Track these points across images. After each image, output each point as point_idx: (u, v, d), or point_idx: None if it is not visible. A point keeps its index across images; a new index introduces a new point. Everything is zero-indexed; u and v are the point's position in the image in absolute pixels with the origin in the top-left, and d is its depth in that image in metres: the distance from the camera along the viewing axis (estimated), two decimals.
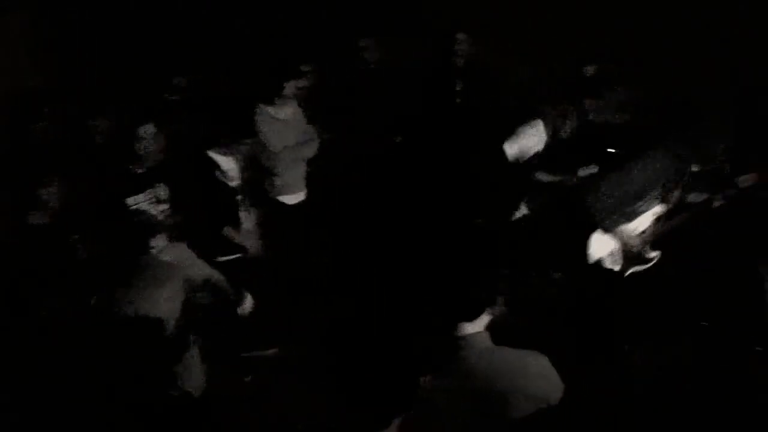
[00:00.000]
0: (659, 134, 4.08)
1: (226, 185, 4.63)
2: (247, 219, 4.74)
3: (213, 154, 4.57)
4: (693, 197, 4.11)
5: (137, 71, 5.59)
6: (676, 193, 4.07)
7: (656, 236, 4.03)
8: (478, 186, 5.27)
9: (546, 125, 4.71)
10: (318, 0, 6.23)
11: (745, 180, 3.94)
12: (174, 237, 3.80)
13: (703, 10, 5.78)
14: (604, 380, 3.91)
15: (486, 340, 2.72)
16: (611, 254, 4.03)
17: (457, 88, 5.64)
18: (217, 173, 4.59)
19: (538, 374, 2.61)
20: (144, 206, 4.08)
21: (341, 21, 6.15)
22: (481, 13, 6.11)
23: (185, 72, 5.49)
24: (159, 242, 3.55)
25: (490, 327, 2.74)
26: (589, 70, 5.76)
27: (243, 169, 4.69)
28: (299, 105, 4.99)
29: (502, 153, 5.23)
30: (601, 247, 4.00)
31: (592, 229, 3.97)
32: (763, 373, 4.07)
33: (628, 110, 5.42)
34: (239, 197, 4.74)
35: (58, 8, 5.89)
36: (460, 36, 5.69)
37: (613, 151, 5.01)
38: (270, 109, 4.81)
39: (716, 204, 3.98)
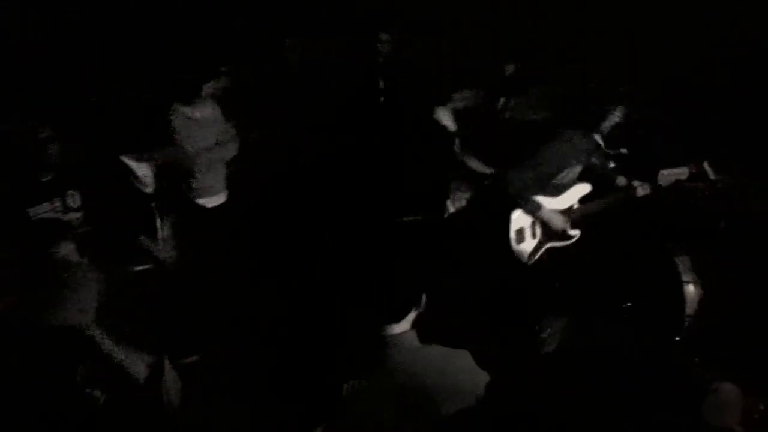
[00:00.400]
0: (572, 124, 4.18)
1: (141, 191, 4.46)
2: (164, 226, 4.58)
3: (127, 160, 4.38)
4: (620, 181, 4.20)
5: (48, 73, 5.35)
6: (599, 174, 4.17)
7: (579, 215, 4.09)
8: (403, 183, 5.28)
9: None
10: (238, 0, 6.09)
11: (672, 174, 4.04)
12: (86, 245, 3.64)
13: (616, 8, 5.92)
14: (519, 360, 4.01)
15: (413, 339, 2.69)
16: (531, 227, 4.14)
17: (381, 86, 5.58)
18: (131, 179, 4.41)
19: (462, 371, 2.60)
20: (49, 215, 3.88)
21: (262, 20, 6.05)
22: (403, 13, 6.10)
23: (100, 74, 5.30)
24: (65, 250, 3.40)
25: (415, 324, 2.70)
26: (509, 68, 5.83)
27: (159, 174, 4.51)
28: (218, 105, 4.84)
29: (427, 149, 5.27)
30: (521, 220, 4.15)
31: (513, 208, 4.11)
32: (679, 359, 4.19)
33: (547, 107, 5.53)
34: (155, 204, 4.56)
35: None
36: (383, 36, 5.66)
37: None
38: (186, 110, 4.65)
39: (642, 192, 4.07)
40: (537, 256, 4.16)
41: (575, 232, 4.19)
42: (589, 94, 4.46)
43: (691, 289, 4.26)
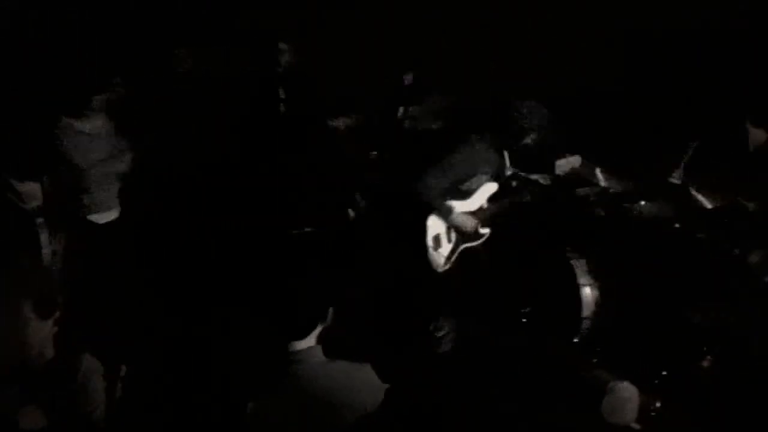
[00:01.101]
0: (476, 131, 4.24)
1: (23, 208, 4.21)
2: (51, 242, 4.32)
3: (7, 177, 4.13)
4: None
5: None
6: (507, 173, 4.23)
7: (488, 215, 4.18)
8: (304, 195, 5.22)
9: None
10: (129, 10, 5.86)
11: (568, 163, 4.15)
12: None
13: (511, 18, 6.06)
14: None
15: (317, 355, 2.63)
16: (446, 232, 4.20)
17: (281, 97, 5.50)
18: (9, 195, 4.15)
19: (364, 386, 2.56)
20: None
21: (154, 31, 5.85)
22: (302, 23, 6.04)
23: None
24: None
25: (321, 339, 2.64)
26: (408, 78, 5.87)
27: (46, 189, 4.26)
28: (110, 118, 4.62)
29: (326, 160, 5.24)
30: (436, 227, 4.20)
31: (427, 213, 4.17)
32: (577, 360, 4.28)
33: (445, 116, 5.59)
34: (40, 220, 4.31)
35: None
36: (282, 45, 5.58)
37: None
38: (76, 124, 4.42)
39: (543, 182, 4.16)
40: (453, 259, 4.19)
41: (485, 231, 4.25)
42: (488, 104, 4.50)
43: (587, 291, 4.36)
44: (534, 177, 4.29)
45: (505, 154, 4.27)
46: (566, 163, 4.18)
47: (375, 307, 4.44)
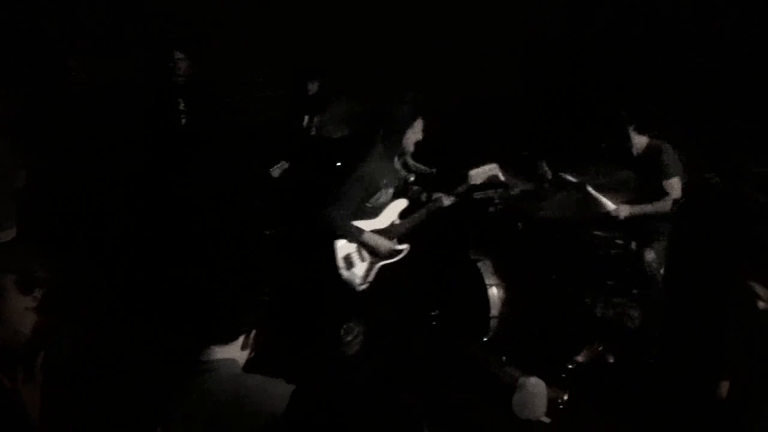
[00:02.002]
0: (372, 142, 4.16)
1: None
2: None
3: None
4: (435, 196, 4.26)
5: None
6: (415, 190, 4.21)
7: (401, 230, 4.12)
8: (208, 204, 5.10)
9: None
10: (20, 20, 5.56)
11: (483, 172, 4.15)
12: None
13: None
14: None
15: (234, 367, 2.55)
16: (357, 251, 4.07)
17: (181, 107, 5.34)
18: None
19: (276, 397, 2.50)
20: None
21: (46, 41, 5.58)
22: (200, 32, 5.90)
23: None
24: None
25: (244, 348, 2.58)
26: (313, 86, 5.82)
27: None
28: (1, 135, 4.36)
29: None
30: (345, 247, 4.06)
31: (335, 238, 4.02)
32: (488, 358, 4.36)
33: (348, 123, 5.57)
34: None
35: None
36: (178, 55, 5.42)
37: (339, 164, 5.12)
38: None
39: (447, 202, 4.16)
40: (370, 278, 4.11)
41: (403, 247, 4.20)
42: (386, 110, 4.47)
43: (494, 291, 4.44)
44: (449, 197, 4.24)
45: (396, 162, 4.20)
46: (482, 172, 4.16)
47: (285, 311, 4.34)
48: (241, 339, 2.58)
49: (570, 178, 4.37)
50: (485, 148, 4.60)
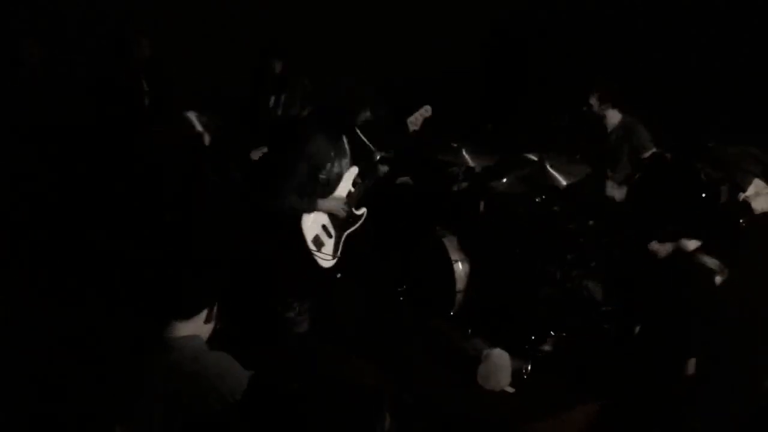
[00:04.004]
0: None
1: None
2: None
3: None
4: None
5: None
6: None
7: (357, 196, 4.09)
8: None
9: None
10: None
11: (417, 117, 4.12)
12: None
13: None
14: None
15: (196, 343, 2.53)
16: (323, 230, 4.03)
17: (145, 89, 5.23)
18: None
19: (234, 374, 2.50)
20: None
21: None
22: (160, 13, 5.76)
23: None
24: None
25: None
26: (277, 65, 5.72)
27: None
28: None
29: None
30: (313, 228, 3.99)
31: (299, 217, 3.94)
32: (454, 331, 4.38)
33: (307, 102, 5.51)
34: None
35: None
36: (143, 41, 5.30)
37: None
38: None
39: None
40: (339, 250, 4.08)
41: (361, 211, 4.16)
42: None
43: (459, 267, 4.45)
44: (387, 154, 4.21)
45: (343, 138, 4.12)
46: (416, 118, 4.14)
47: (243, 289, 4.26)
48: (204, 313, 2.56)
49: (530, 156, 4.41)
50: (447, 125, 4.57)
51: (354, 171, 4.11)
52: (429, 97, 4.27)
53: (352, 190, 4.12)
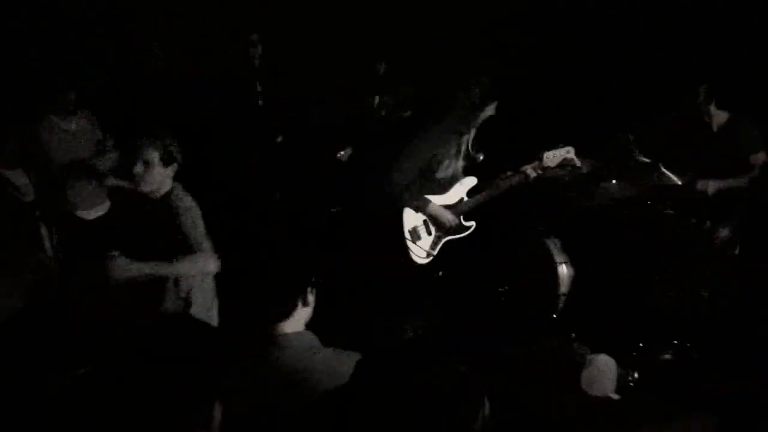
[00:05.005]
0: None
1: (22, 201, 4.06)
2: (51, 235, 4.18)
3: (2, 170, 3.98)
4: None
5: None
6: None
7: (469, 207, 4.04)
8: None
9: None
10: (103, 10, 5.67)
11: (557, 156, 4.03)
12: None
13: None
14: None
15: (306, 340, 2.54)
16: (424, 225, 4.01)
17: (258, 90, 5.37)
18: (9, 189, 4.00)
19: (342, 373, 2.48)
20: None
21: (129, 29, 5.68)
22: (273, 16, 5.90)
23: None
24: None
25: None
26: (381, 67, 5.77)
27: (37, 184, 4.13)
28: (93, 118, 4.49)
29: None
30: (412, 219, 4.00)
31: (402, 208, 3.96)
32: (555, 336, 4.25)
33: (412, 104, 5.51)
34: (38, 213, 4.17)
35: None
36: (254, 37, 5.44)
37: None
38: (57, 120, 4.27)
39: (532, 174, 4.06)
40: (436, 251, 4.06)
41: (470, 224, 4.13)
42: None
43: (563, 269, 4.33)
44: (524, 168, 4.12)
45: (466, 137, 4.08)
46: (556, 156, 4.04)
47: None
48: (303, 313, 2.58)
49: (642, 157, 4.24)
50: (555, 128, 4.48)
51: (471, 181, 4.09)
52: (535, 94, 4.20)
53: (465, 198, 4.08)
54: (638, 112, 4.89)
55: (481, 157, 4.24)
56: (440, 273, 4.27)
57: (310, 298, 2.67)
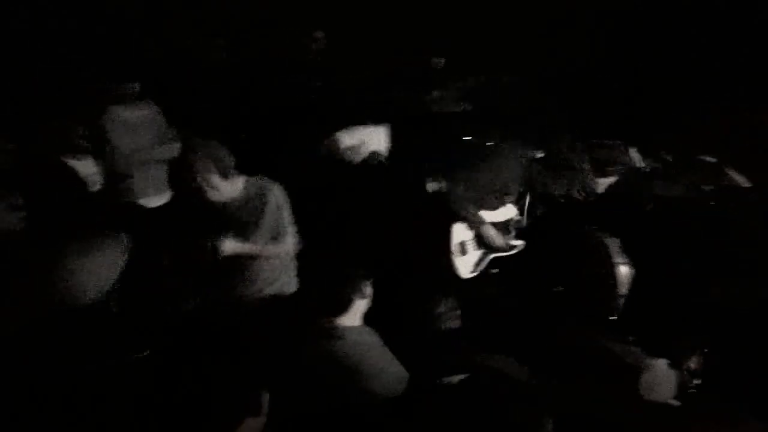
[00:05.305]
0: (502, 127, 4.02)
1: (88, 191, 4.15)
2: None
3: (69, 160, 4.06)
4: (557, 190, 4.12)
5: None
6: (538, 187, 4.08)
7: (521, 227, 3.99)
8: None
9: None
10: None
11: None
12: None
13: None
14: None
15: (362, 334, 2.54)
16: (473, 240, 3.94)
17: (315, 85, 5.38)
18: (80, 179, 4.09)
19: (393, 371, 2.48)
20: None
21: (186, 21, 5.76)
22: (332, 11, 5.91)
23: (32, 74, 4.95)
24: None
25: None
26: (439, 63, 5.73)
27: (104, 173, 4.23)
28: (156, 108, 4.56)
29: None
30: (462, 233, 3.99)
31: (454, 221, 3.95)
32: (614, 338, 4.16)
33: (469, 99, 5.45)
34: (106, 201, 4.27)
35: None
36: (318, 34, 5.46)
37: (469, 138, 4.98)
38: (122, 111, 4.36)
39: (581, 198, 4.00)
40: (482, 267, 4.02)
41: (519, 243, 4.09)
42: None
43: (622, 270, 4.22)
44: (576, 195, 4.07)
45: (532, 165, 4.09)
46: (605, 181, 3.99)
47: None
48: (360, 306, 2.56)
49: (706, 156, 4.12)
50: (616, 125, 4.37)
51: (526, 199, 4.05)
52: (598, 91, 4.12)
53: (517, 217, 4.04)
54: (703, 111, 4.76)
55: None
56: (496, 270, 4.23)
57: (368, 290, 2.67)
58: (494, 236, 3.96)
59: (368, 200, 5.14)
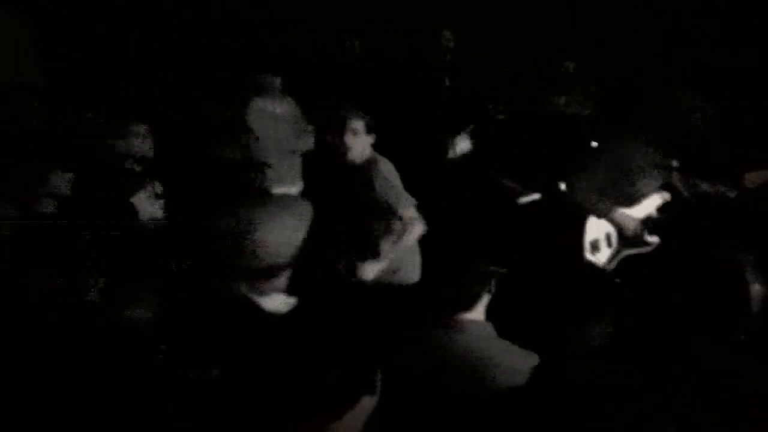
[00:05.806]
0: (629, 122, 3.93)
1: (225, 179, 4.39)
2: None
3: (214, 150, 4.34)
4: (703, 187, 3.96)
5: (128, 69, 5.33)
6: (677, 183, 3.94)
7: (657, 224, 3.86)
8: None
9: None
10: None
11: (761, 176, 3.79)
12: None
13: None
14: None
15: (484, 330, 2.55)
16: (606, 238, 3.87)
17: (447, 84, 5.43)
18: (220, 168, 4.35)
19: (516, 369, 2.47)
20: (145, 204, 3.78)
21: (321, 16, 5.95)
22: (463, 10, 5.94)
23: (177, 69, 5.27)
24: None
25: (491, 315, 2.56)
26: (570, 66, 5.65)
27: (241, 162, 4.46)
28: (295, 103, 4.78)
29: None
30: (594, 231, 3.90)
31: (586, 216, 3.85)
32: (743, 360, 3.95)
33: (594, 101, 5.34)
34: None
35: (53, 5, 5.61)
36: (446, 33, 5.52)
37: (595, 144, 4.88)
38: (263, 102, 4.58)
39: (731, 195, 3.83)
40: (612, 265, 3.92)
41: (654, 239, 3.95)
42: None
43: (756, 288, 4.01)
44: (722, 189, 3.89)
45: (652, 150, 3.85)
46: (759, 176, 3.76)
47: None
48: (484, 301, 2.56)
49: None
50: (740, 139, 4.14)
51: (665, 197, 3.91)
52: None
53: (654, 215, 3.91)
54: None
55: (676, 165, 4.02)
56: (617, 280, 4.11)
57: (493, 287, 2.68)
58: (627, 226, 3.84)
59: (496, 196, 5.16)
